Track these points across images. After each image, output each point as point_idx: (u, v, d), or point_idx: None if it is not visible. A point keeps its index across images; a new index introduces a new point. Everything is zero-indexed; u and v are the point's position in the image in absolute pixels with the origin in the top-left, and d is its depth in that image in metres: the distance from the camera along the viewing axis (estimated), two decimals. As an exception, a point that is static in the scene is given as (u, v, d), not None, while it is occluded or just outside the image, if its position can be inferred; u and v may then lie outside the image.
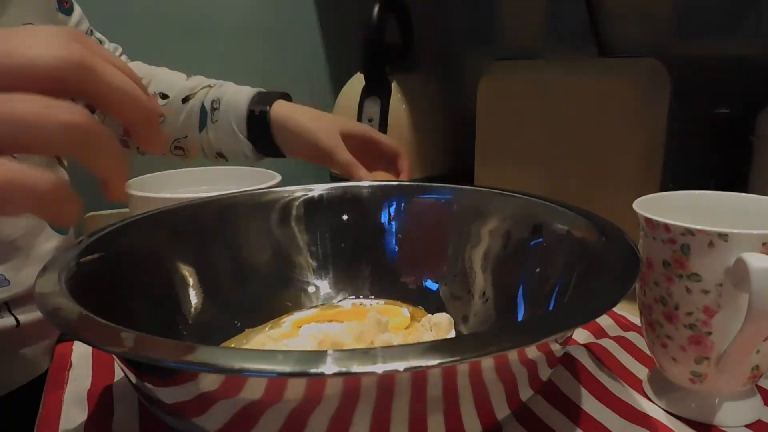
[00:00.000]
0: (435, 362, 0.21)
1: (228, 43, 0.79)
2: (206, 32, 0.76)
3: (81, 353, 0.43)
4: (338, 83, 0.80)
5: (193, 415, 0.26)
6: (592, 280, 0.32)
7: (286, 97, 0.64)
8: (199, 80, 0.66)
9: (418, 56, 0.79)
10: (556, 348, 0.29)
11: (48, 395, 0.39)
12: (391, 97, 0.72)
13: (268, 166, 0.60)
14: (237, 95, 0.63)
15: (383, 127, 0.72)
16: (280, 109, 0.61)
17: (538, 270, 0.40)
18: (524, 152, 0.61)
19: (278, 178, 0.56)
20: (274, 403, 0.23)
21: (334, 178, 0.78)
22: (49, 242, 0.53)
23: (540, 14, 0.75)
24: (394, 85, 0.72)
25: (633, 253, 0.31)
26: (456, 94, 0.80)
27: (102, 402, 0.37)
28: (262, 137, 0.62)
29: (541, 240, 0.41)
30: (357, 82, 0.75)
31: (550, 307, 0.37)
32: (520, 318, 0.40)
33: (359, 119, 0.73)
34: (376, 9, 0.70)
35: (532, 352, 0.26)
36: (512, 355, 0.25)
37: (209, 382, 0.24)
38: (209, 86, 0.64)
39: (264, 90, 0.64)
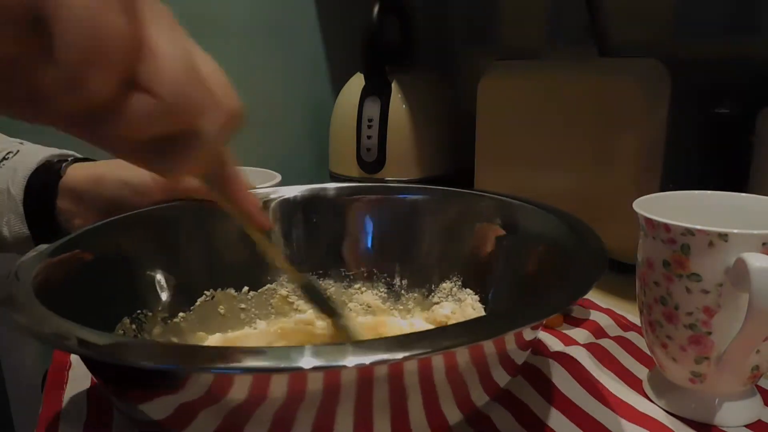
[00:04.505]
0: (400, 355, 0.21)
1: (227, 43, 0.78)
2: (205, 32, 0.76)
3: (81, 353, 0.43)
4: (338, 83, 0.80)
5: (170, 426, 0.26)
6: (557, 278, 0.33)
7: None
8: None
9: (418, 56, 0.79)
10: (527, 337, 0.30)
11: (48, 395, 0.39)
12: (391, 97, 0.72)
13: (269, 166, 0.60)
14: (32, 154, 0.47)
15: (383, 127, 0.72)
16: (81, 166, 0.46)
17: (508, 267, 0.41)
18: (524, 152, 0.61)
19: (278, 177, 0.56)
20: (243, 401, 0.23)
21: (334, 179, 0.78)
22: None
23: (540, 14, 0.75)
24: (394, 85, 0.72)
25: (601, 252, 0.32)
26: (456, 94, 0.80)
27: (102, 402, 0.37)
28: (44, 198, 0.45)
29: (512, 238, 0.42)
30: (357, 82, 0.75)
31: (517, 303, 0.37)
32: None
33: (359, 119, 0.73)
34: (376, 9, 0.70)
35: (488, 347, 0.27)
36: (463, 351, 0.25)
37: (186, 383, 0.23)
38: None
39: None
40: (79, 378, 0.40)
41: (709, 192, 0.37)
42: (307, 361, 0.21)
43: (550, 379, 0.38)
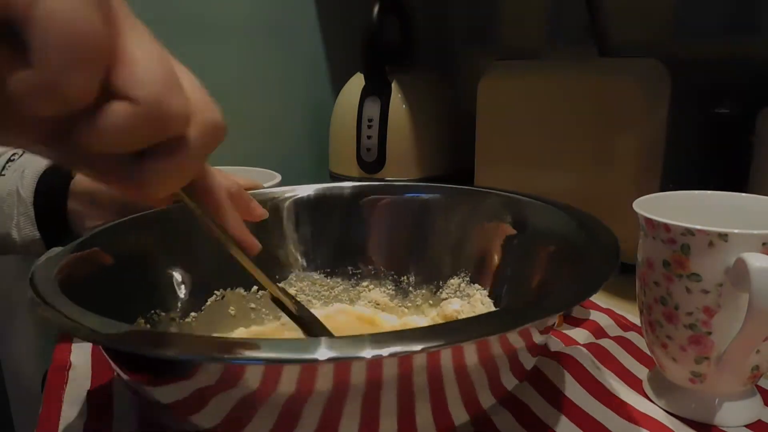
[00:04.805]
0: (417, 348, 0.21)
1: (227, 43, 0.78)
2: (205, 32, 0.76)
3: (80, 353, 0.43)
4: (338, 83, 0.80)
5: (189, 412, 0.26)
6: (568, 275, 0.33)
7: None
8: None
9: (418, 56, 0.79)
10: (536, 337, 0.30)
11: (48, 395, 0.39)
12: (391, 97, 0.72)
13: (269, 166, 0.60)
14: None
15: (383, 127, 0.72)
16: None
17: (517, 264, 0.41)
18: (524, 152, 0.61)
19: (278, 178, 0.56)
20: (257, 392, 0.24)
21: (334, 179, 0.78)
22: None
23: (540, 14, 0.75)
24: (394, 85, 0.72)
25: (613, 247, 0.32)
26: (456, 94, 0.80)
27: (102, 402, 0.37)
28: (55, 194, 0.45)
29: (522, 235, 0.42)
30: (357, 82, 0.75)
31: (528, 299, 0.37)
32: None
33: (359, 119, 0.73)
34: (376, 9, 0.70)
35: (494, 342, 0.27)
36: (470, 346, 0.25)
37: (202, 374, 0.24)
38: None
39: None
40: (79, 378, 0.40)
41: (709, 192, 0.37)
42: (323, 353, 0.21)
43: (550, 379, 0.38)
